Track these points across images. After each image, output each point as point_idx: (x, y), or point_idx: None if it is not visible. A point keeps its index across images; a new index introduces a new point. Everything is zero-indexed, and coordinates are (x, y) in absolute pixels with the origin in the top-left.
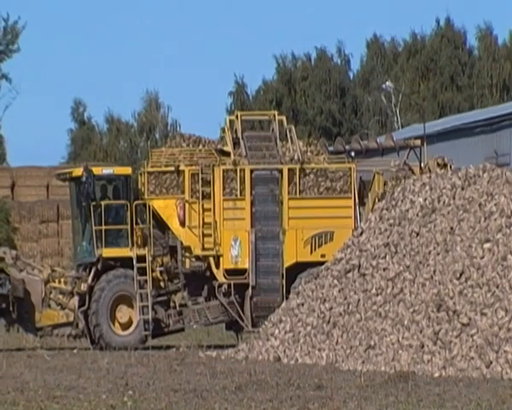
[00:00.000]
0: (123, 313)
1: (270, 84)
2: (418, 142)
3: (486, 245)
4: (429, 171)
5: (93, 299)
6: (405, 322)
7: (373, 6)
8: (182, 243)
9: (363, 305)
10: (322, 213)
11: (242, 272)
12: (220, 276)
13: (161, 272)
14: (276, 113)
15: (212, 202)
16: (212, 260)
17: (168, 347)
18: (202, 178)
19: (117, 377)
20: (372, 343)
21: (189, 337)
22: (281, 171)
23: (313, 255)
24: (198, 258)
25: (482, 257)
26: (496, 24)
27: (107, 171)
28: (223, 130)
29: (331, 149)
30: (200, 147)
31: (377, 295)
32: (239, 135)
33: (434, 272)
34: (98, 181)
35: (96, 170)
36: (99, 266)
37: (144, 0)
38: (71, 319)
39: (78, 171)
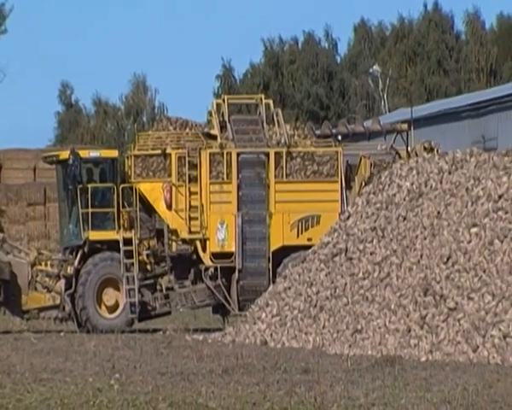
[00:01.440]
0: (109, 296)
1: (257, 67)
2: (405, 126)
3: (473, 230)
4: (416, 155)
5: (79, 282)
6: (392, 306)
7: None
8: (168, 227)
9: (349, 289)
10: (309, 196)
11: (229, 255)
12: (207, 259)
13: (148, 256)
14: (263, 96)
15: (199, 186)
16: (198, 243)
17: (155, 330)
18: (189, 162)
19: (103, 360)
20: (359, 327)
21: (175, 321)
22: (267, 154)
23: (300, 239)
24: (184, 241)
25: (469, 241)
26: (483, 8)
27: (93, 154)
28: (210, 113)
29: (318, 132)
30: (187, 130)
31: (364, 279)
32: (226, 118)
33: (421, 256)
34: (85, 164)
35: (83, 153)
36: (85, 249)
37: None
38: (57, 301)
39: (65, 154)
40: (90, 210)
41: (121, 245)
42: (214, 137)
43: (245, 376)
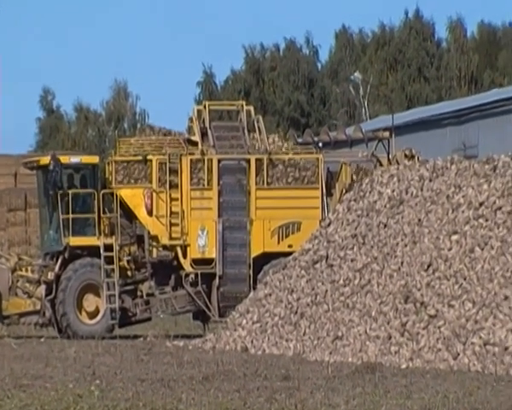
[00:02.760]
0: (90, 302)
1: (238, 74)
2: (387, 134)
3: (454, 237)
4: (397, 162)
5: (60, 288)
6: (373, 313)
7: None
8: (149, 233)
9: (330, 296)
10: (290, 203)
11: (209, 261)
12: (187, 265)
13: (128, 262)
14: (244, 103)
15: (180, 192)
16: (179, 249)
17: (135, 336)
18: (170, 168)
19: (84, 366)
20: (339, 334)
21: (156, 327)
22: (248, 161)
23: (280, 246)
24: (165, 247)
25: (450, 249)
26: (465, 16)
27: (74, 160)
28: (191, 120)
29: (300, 140)
30: (168, 137)
31: (345, 286)
32: (207, 125)
33: (402, 263)
34: (66, 170)
35: (64, 159)
36: (66, 255)
37: None
38: (38, 307)
39: (46, 159)
40: (70, 216)
41: (102, 251)
42: (195, 144)
43: (225, 382)
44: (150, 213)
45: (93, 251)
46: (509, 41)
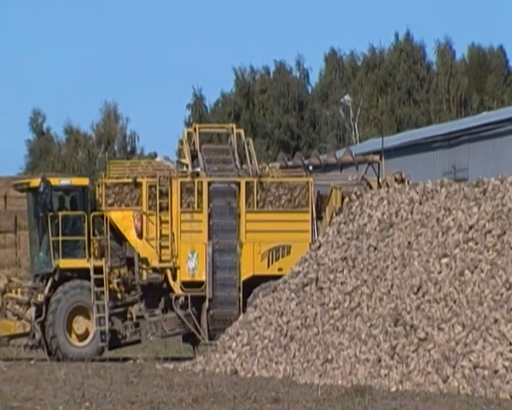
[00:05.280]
0: (80, 325)
1: (228, 96)
2: (377, 157)
3: (444, 260)
4: (387, 186)
5: (50, 310)
6: (362, 336)
7: (332, 20)
8: (139, 255)
9: (320, 319)
10: (280, 226)
11: (199, 284)
12: (177, 288)
13: (118, 284)
14: (234, 126)
15: (170, 215)
16: (169, 272)
17: (125, 359)
18: (160, 190)
19: (74, 388)
20: (329, 357)
21: (145, 349)
22: (238, 184)
23: (270, 269)
24: (155, 270)
25: (439, 272)
26: (455, 39)
27: (64, 182)
28: (181, 142)
29: (290, 163)
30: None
31: (334, 308)
32: (197, 147)
33: (392, 286)
34: (56, 192)
35: (54, 181)
36: (56, 277)
37: (104, 11)
38: (27, 329)
39: (36, 181)
40: (60, 238)
41: (92, 273)
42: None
43: (215, 405)
44: (140, 235)
45: (83, 273)
46: (499, 64)
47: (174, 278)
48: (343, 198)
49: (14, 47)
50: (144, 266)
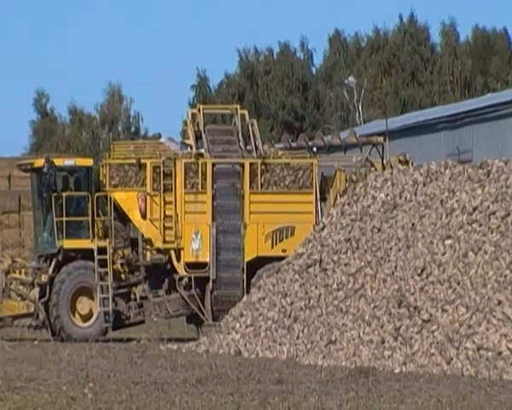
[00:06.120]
0: (83, 305)
1: (232, 77)
2: (381, 139)
3: (448, 242)
4: (391, 167)
5: (53, 290)
6: (366, 317)
7: (336, 1)
8: (143, 236)
9: (324, 300)
10: (284, 207)
11: (203, 265)
12: (181, 269)
13: (122, 265)
14: (238, 106)
15: (174, 195)
16: (172, 253)
17: (129, 339)
18: (164, 171)
19: (77, 368)
20: (333, 338)
21: (149, 330)
22: (242, 165)
23: (274, 250)
24: (159, 251)
25: (443, 254)
26: (459, 20)
27: (68, 162)
28: (185, 123)
29: (294, 144)
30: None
31: (338, 290)
32: (201, 128)
33: (395, 267)
34: (60, 172)
35: (58, 161)
36: (60, 258)
37: None
38: (31, 309)
39: (40, 162)
40: (64, 218)
41: (95, 254)
42: (189, 147)
43: (219, 386)
44: (144, 216)
45: (87, 254)
46: (502, 46)
47: (178, 259)
48: (347, 180)
49: (18, 28)
50: (148, 246)
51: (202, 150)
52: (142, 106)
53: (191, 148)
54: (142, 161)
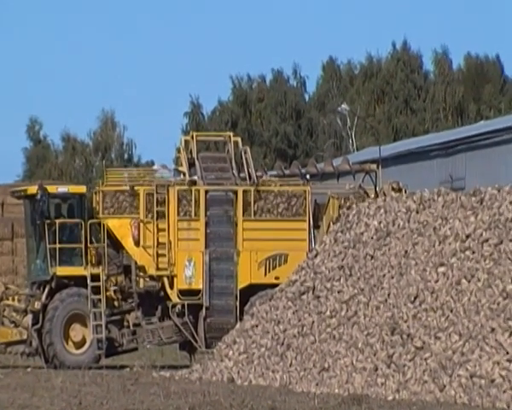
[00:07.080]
0: (76, 332)
1: (225, 105)
2: (374, 166)
3: (441, 269)
4: (384, 195)
5: (47, 318)
6: (359, 345)
7: (329, 28)
8: (136, 263)
9: (317, 327)
10: (277, 235)
11: (196, 292)
12: (174, 296)
13: (115, 292)
14: (231, 134)
15: (167, 222)
16: (166, 280)
17: (122, 366)
18: (157, 198)
19: (71, 395)
20: (326, 366)
21: (142, 357)
22: (235, 192)
23: (267, 277)
24: (152, 278)
25: (436, 281)
26: (451, 48)
27: (61, 189)
28: (178, 150)
29: (287, 172)
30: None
31: (331, 317)
32: (194, 155)
33: (389, 295)
34: (53, 199)
35: (51, 188)
36: (53, 285)
37: (101, 18)
38: (24, 336)
39: (33, 189)
40: (57, 245)
41: (89, 281)
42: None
43: None
44: (137, 243)
45: (80, 281)
46: (495, 74)
47: (171, 286)
48: (340, 207)
49: (11, 54)
50: (141, 273)
51: (195, 177)
52: (136, 133)
53: (184, 175)
54: (136, 187)
